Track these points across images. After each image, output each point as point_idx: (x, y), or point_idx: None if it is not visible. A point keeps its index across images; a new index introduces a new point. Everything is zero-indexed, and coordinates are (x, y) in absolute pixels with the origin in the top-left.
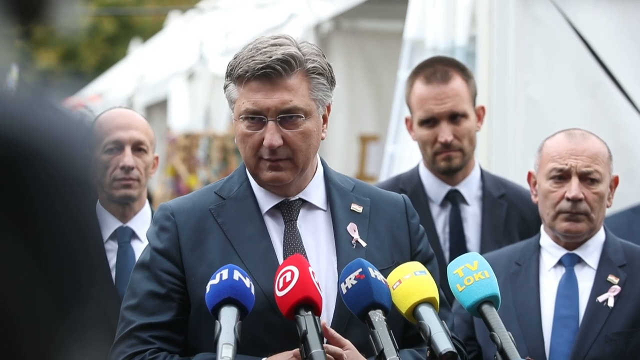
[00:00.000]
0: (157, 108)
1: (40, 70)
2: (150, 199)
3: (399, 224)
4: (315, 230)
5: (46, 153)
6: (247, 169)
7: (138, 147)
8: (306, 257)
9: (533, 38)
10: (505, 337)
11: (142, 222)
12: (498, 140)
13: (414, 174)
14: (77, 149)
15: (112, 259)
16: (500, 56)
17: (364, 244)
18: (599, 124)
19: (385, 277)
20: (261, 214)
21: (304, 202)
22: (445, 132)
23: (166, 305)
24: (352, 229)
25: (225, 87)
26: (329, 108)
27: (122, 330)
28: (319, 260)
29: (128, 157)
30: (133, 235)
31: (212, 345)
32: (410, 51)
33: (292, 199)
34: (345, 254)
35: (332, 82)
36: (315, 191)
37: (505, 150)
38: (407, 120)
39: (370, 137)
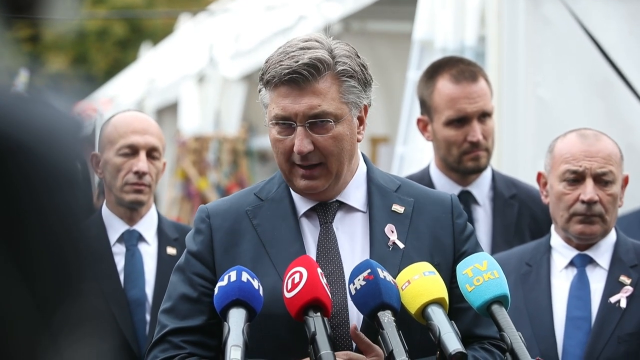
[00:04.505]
0: (168, 111)
1: (51, 74)
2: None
3: (443, 223)
4: (351, 232)
5: (32, 146)
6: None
7: (152, 153)
8: (340, 259)
9: (543, 38)
10: (515, 337)
11: (149, 225)
12: (508, 141)
13: (425, 175)
14: (65, 142)
15: (120, 262)
16: (510, 57)
17: (401, 245)
18: (609, 124)
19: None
20: (297, 215)
21: (341, 204)
22: (476, 131)
23: (198, 309)
24: (390, 230)
25: (259, 91)
26: (365, 109)
27: (157, 334)
28: (353, 262)
29: (143, 163)
30: (140, 238)
31: (250, 350)
32: (420, 52)
33: (329, 201)
34: (378, 255)
35: (365, 83)
36: (354, 193)
37: (515, 151)
38: (419, 120)
39: (380, 138)
